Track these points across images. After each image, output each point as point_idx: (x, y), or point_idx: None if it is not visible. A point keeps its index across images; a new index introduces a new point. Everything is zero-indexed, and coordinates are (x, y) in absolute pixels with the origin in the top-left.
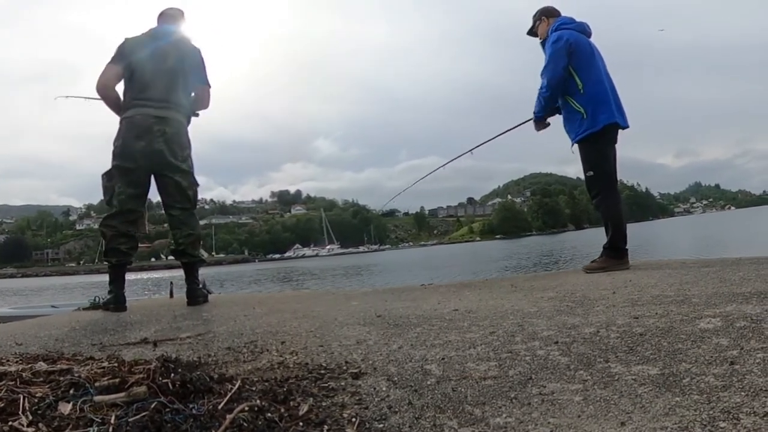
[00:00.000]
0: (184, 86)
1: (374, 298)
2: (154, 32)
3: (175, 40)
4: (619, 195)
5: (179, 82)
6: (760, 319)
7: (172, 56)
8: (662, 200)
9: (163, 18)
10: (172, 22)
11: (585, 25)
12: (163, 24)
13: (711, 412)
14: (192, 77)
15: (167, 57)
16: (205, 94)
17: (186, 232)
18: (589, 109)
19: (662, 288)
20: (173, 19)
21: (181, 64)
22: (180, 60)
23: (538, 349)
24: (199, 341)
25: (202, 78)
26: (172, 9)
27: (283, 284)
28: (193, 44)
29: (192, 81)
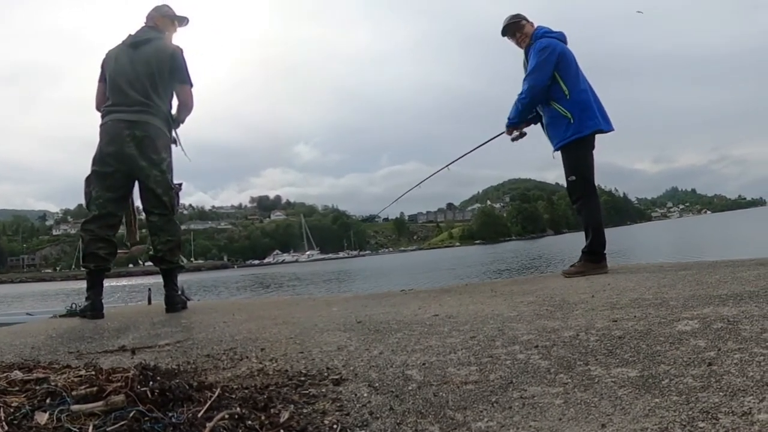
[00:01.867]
0: (163, 90)
1: (354, 304)
2: (134, 37)
3: (153, 44)
4: (599, 200)
5: (156, 85)
6: (736, 320)
7: (148, 60)
8: (640, 205)
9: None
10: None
11: (563, 35)
12: (145, 26)
13: (690, 413)
14: (173, 79)
15: (145, 61)
16: (186, 94)
17: (164, 239)
18: (576, 115)
19: (640, 291)
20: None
21: (159, 68)
22: (157, 63)
23: (518, 353)
24: (178, 348)
25: (183, 77)
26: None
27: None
28: (173, 45)
29: (173, 82)
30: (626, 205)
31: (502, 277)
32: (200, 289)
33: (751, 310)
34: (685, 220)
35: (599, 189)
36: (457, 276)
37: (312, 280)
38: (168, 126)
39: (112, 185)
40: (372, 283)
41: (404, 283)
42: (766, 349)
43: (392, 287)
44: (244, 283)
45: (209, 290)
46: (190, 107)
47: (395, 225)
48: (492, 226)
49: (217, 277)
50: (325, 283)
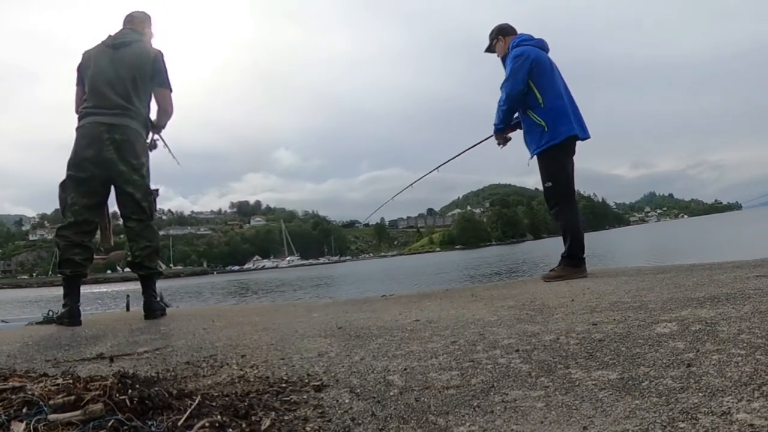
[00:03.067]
0: (143, 93)
1: (335, 310)
2: (113, 39)
3: (134, 46)
4: (577, 205)
5: (137, 89)
6: (714, 322)
7: (129, 63)
8: (618, 210)
9: (126, 21)
10: (135, 27)
11: (543, 42)
12: (125, 28)
13: (670, 414)
14: (153, 83)
15: (124, 64)
16: (166, 98)
17: (143, 244)
18: (550, 122)
19: (619, 295)
20: (136, 23)
21: (140, 71)
22: (139, 66)
23: (499, 357)
24: (157, 356)
25: (163, 81)
26: (136, 12)
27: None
28: (154, 48)
29: (153, 86)
30: (605, 209)
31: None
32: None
33: (728, 312)
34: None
35: (578, 194)
36: (438, 281)
37: (292, 286)
38: (146, 130)
39: (89, 191)
40: (352, 289)
41: (385, 289)
42: (744, 350)
43: (373, 293)
44: (224, 289)
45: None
46: (170, 112)
47: (376, 230)
48: (472, 231)
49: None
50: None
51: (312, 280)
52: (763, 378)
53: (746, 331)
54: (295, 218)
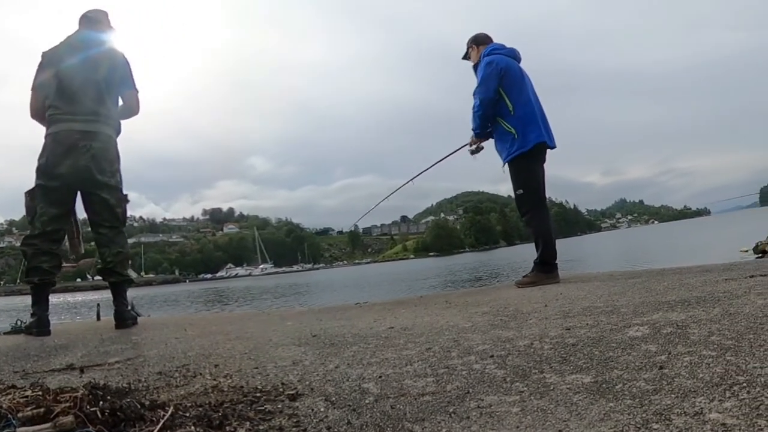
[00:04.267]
0: (113, 96)
1: (309, 318)
2: (79, 40)
3: (105, 49)
4: (549, 212)
5: (109, 93)
6: (685, 325)
7: (102, 66)
8: (590, 216)
9: (86, 22)
10: (97, 28)
11: (515, 51)
12: (86, 29)
13: (644, 415)
14: (122, 84)
15: (97, 67)
16: (133, 99)
17: (115, 250)
18: (520, 130)
19: (592, 299)
20: (98, 24)
21: (112, 74)
22: (111, 69)
23: (474, 363)
24: (129, 366)
25: (129, 83)
26: (96, 12)
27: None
28: (119, 50)
29: (120, 89)
30: (577, 216)
31: (456, 289)
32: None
33: (698, 315)
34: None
35: (550, 201)
36: (412, 288)
37: (266, 294)
38: (118, 133)
39: (58, 200)
40: (326, 297)
41: (359, 296)
42: (715, 351)
43: (347, 300)
44: (197, 297)
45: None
46: (136, 112)
47: (349, 238)
48: (446, 239)
49: (168, 292)
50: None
51: (286, 287)
52: (733, 378)
53: (716, 333)
54: (269, 225)
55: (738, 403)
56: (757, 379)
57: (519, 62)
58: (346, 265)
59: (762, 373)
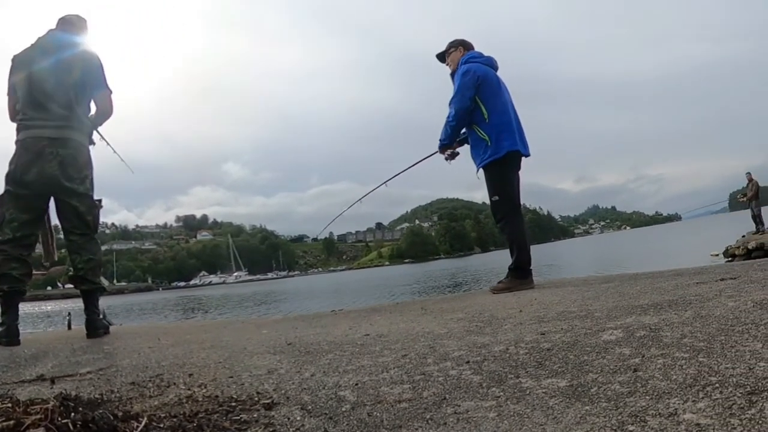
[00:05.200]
0: (85, 99)
1: (284, 326)
2: (52, 42)
3: (77, 52)
4: (523, 218)
5: (82, 97)
6: (657, 328)
7: (75, 69)
8: (563, 222)
9: (60, 24)
10: (73, 31)
11: (492, 59)
12: (59, 31)
13: (619, 417)
14: (94, 87)
15: (70, 70)
16: (106, 100)
17: (86, 258)
18: (493, 137)
19: (566, 304)
20: (74, 27)
21: (85, 77)
22: (84, 72)
23: (450, 369)
24: (101, 377)
25: (101, 84)
26: (73, 17)
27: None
28: (93, 52)
29: (93, 92)
30: (550, 222)
31: (431, 295)
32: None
33: (670, 318)
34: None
35: (524, 207)
36: (387, 295)
37: (240, 302)
38: (89, 138)
39: (29, 206)
40: (302, 304)
41: (334, 304)
42: (687, 353)
43: (322, 308)
44: (170, 306)
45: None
46: (110, 113)
47: (324, 245)
48: (421, 245)
49: (141, 301)
50: (253, 304)
51: (260, 295)
52: (706, 379)
53: (689, 335)
54: (243, 232)
55: (711, 403)
56: (729, 380)
57: (496, 71)
58: (321, 273)
59: (734, 374)
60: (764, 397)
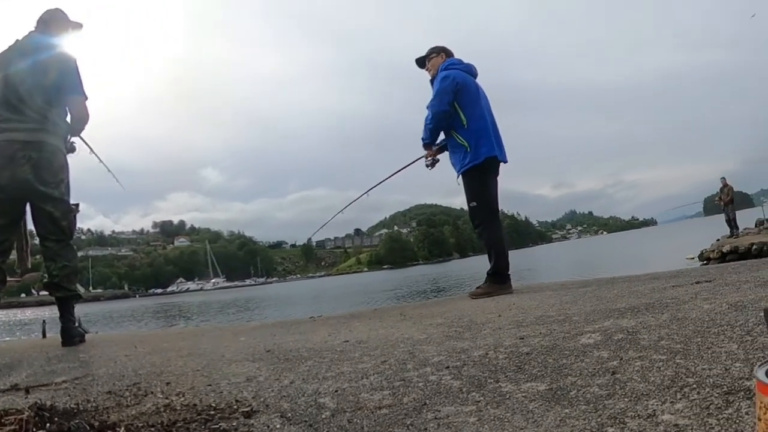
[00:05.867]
0: (63, 104)
1: (263, 333)
2: (29, 43)
3: (54, 52)
4: (501, 224)
5: (55, 99)
6: (635, 331)
7: (51, 71)
8: (541, 228)
9: (39, 25)
10: (50, 31)
11: (472, 67)
12: (38, 32)
13: (599, 420)
14: (70, 91)
15: (46, 72)
16: (81, 106)
17: (61, 264)
18: (473, 143)
19: (544, 309)
20: (50, 26)
21: (62, 80)
22: (61, 75)
23: (430, 374)
24: (77, 386)
25: (76, 88)
26: (50, 13)
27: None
28: (71, 55)
29: (68, 94)
30: (528, 228)
31: (410, 301)
32: (99, 321)
33: (648, 321)
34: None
35: (502, 213)
36: (366, 301)
37: (218, 309)
38: (65, 142)
39: (3, 211)
40: (280, 311)
41: (313, 310)
42: (665, 355)
43: (301, 314)
44: (147, 313)
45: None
46: (86, 119)
47: (303, 251)
48: (399, 251)
49: (117, 308)
50: (231, 312)
51: (238, 302)
52: (684, 380)
53: (666, 337)
54: (221, 239)
55: (689, 404)
56: (706, 380)
57: (475, 78)
58: (299, 279)
59: (710, 375)
60: (741, 397)
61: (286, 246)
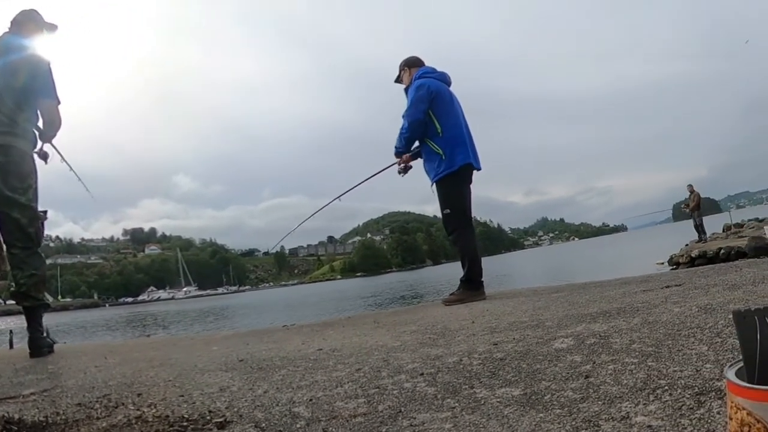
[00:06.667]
0: (33, 107)
1: (236, 342)
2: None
3: (26, 54)
4: (474, 231)
5: (27, 102)
6: (607, 335)
7: (21, 73)
8: (513, 234)
9: (12, 26)
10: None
11: (446, 75)
12: (10, 34)
13: (573, 423)
14: (41, 94)
15: (16, 74)
16: (53, 111)
17: (28, 272)
18: (447, 151)
19: (518, 315)
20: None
21: (32, 82)
22: (31, 77)
23: (404, 382)
24: (46, 398)
25: (48, 92)
26: (23, 14)
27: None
28: (44, 57)
29: (40, 98)
30: (501, 234)
31: (384, 309)
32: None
33: (619, 325)
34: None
35: (475, 220)
36: (340, 309)
37: (190, 318)
38: (35, 147)
39: None
40: (253, 320)
41: (286, 319)
42: (636, 358)
43: (274, 323)
44: (117, 323)
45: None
46: (58, 124)
47: (275, 259)
48: (373, 259)
49: (86, 317)
50: (203, 321)
51: (210, 311)
52: (656, 382)
53: (637, 341)
54: (192, 246)
55: (662, 405)
56: (677, 382)
57: (449, 86)
58: (272, 287)
59: (682, 376)
60: (712, 397)
61: (258, 254)
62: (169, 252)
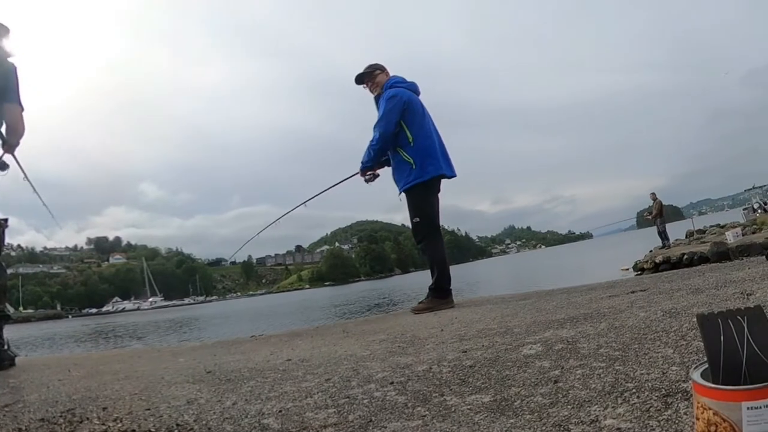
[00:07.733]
0: None
1: (203, 353)
2: None
3: None
4: (443, 239)
5: None
6: (574, 340)
7: None
8: (481, 243)
9: None
10: None
11: (415, 85)
12: None
13: (543, 428)
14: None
15: None
16: (16, 116)
17: None
18: (418, 161)
19: (486, 322)
20: None
21: None
22: None
23: (374, 391)
24: (7, 413)
25: (12, 95)
26: None
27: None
28: (8, 61)
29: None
30: (468, 243)
31: (353, 318)
32: (30, 343)
33: (586, 330)
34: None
35: (443, 229)
36: (308, 319)
37: (156, 329)
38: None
39: None
40: (220, 330)
41: (254, 329)
42: (604, 363)
43: (241, 333)
44: (81, 334)
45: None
46: (21, 131)
47: (243, 268)
48: (341, 268)
49: (49, 329)
50: (170, 332)
51: (176, 322)
52: (623, 386)
53: (604, 345)
54: (158, 256)
55: (630, 408)
56: (645, 385)
57: (419, 95)
58: (240, 297)
59: (649, 379)
60: (679, 398)
61: (225, 263)
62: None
